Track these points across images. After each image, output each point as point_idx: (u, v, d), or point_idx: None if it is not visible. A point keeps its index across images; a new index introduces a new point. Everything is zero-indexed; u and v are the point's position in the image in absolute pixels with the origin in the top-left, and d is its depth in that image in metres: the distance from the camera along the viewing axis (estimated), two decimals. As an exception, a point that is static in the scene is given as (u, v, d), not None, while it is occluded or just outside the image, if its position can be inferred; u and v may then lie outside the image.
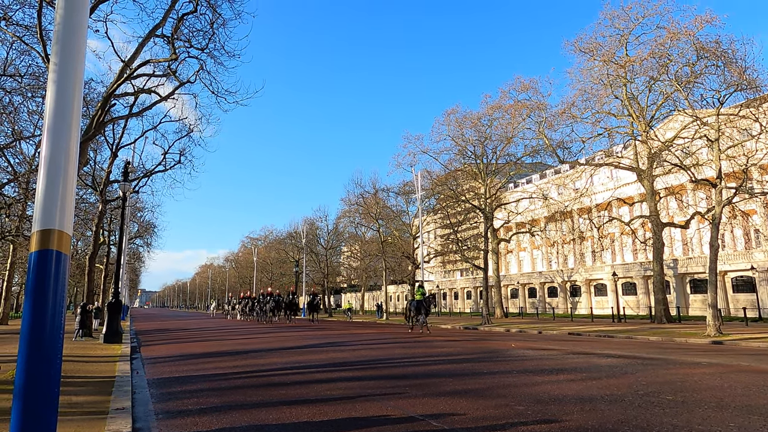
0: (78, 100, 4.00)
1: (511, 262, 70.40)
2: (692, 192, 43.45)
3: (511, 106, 38.72)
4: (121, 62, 14.61)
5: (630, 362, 11.34)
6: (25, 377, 3.44)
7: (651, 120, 31.85)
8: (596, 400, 6.78)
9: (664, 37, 27.21)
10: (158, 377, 9.70)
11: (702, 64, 24.26)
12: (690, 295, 46.03)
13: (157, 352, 15.27)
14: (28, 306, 3.54)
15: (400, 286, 79.96)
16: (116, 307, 18.50)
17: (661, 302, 31.52)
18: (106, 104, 13.66)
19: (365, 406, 6.62)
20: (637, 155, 34.05)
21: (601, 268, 53.25)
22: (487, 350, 14.88)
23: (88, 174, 27.74)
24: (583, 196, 37.18)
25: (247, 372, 10.40)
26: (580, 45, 32.76)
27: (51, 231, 3.64)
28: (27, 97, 19.43)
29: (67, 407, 6.22)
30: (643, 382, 8.33)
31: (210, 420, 5.96)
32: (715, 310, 19.97)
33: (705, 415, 5.84)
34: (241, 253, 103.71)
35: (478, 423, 5.63)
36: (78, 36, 4.04)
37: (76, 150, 3.95)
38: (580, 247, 55.87)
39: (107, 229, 38.82)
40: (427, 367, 11.23)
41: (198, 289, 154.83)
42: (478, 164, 44.96)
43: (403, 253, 55.06)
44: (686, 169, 23.85)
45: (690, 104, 23.32)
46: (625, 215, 46.46)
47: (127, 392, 7.58)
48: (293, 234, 75.37)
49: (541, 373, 9.75)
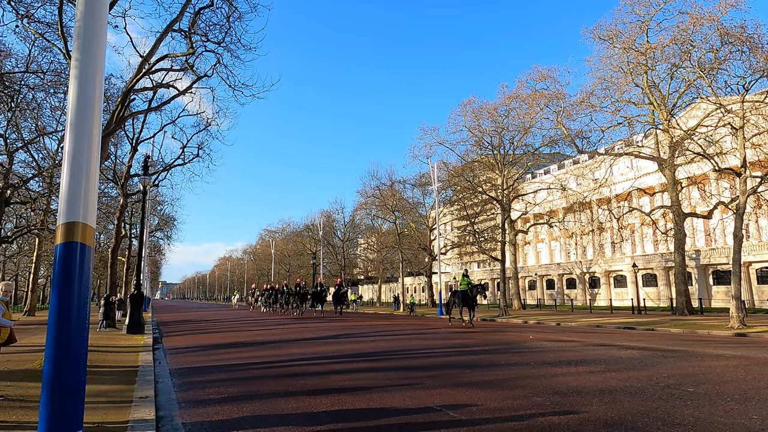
0: (99, 94, 4.07)
1: (528, 253, 69.84)
2: (715, 181, 42.48)
3: (528, 96, 38.20)
4: (140, 57, 14.78)
5: (651, 354, 11.20)
6: (53, 366, 3.54)
7: (673, 108, 31.13)
8: (616, 392, 6.72)
9: (686, 23, 26.50)
10: (180, 367, 9.89)
11: (726, 50, 23.62)
12: (713, 287, 45.14)
13: (178, 343, 15.56)
14: (55, 297, 3.64)
15: (417, 278, 79.95)
16: (138, 298, 18.89)
17: (682, 294, 30.98)
18: (125, 99, 13.84)
19: (383, 397, 6.66)
20: (659, 144, 33.34)
21: (621, 260, 52.50)
22: (505, 342, 14.83)
23: (110, 168, 28.25)
24: (602, 186, 36.57)
25: (266, 362, 10.54)
26: (599, 32, 32.10)
27: (75, 224, 3.72)
28: (49, 94, 19.82)
29: (92, 395, 6.39)
30: (664, 374, 8.22)
31: (230, 409, 6.07)
32: (739, 301, 19.58)
33: (728, 408, 5.75)
34: (259, 245, 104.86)
35: (495, 414, 5.63)
36: (98, 31, 4.10)
37: (98, 144, 4.02)
38: (600, 238, 55.13)
39: (128, 222, 39.54)
40: (445, 358, 11.24)
41: (217, 281, 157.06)
42: (495, 155, 44.55)
43: (420, 244, 55.02)
44: (709, 158, 23.31)
45: (713, 91, 22.75)
46: (645, 206, 45.67)
47: (150, 381, 7.74)
48: (310, 226, 75.88)
49: (559, 364, 9.69)
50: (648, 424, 5.09)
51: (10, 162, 23.00)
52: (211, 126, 25.10)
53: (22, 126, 22.81)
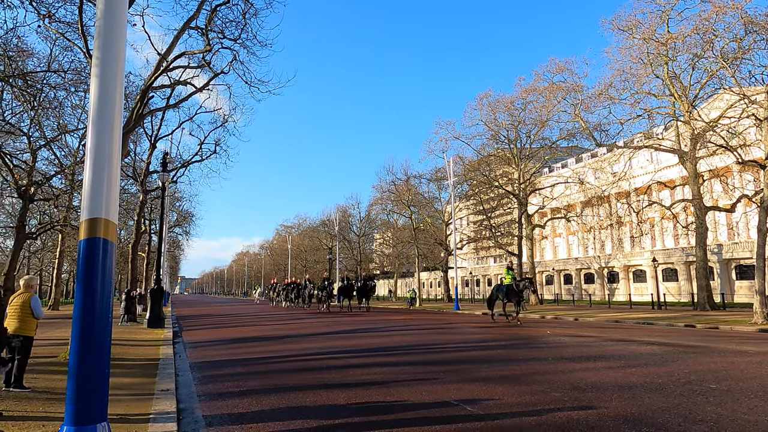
0: (120, 92, 4.13)
1: (546, 248, 69.20)
2: (738, 174, 41.49)
3: (545, 89, 37.71)
4: (158, 55, 14.96)
5: (671, 350, 11.03)
6: (78, 359, 3.63)
7: (694, 99, 30.44)
8: (636, 388, 6.64)
9: (709, 12, 25.82)
10: (199, 361, 10.04)
11: (750, 39, 23.01)
12: (735, 282, 44.22)
13: (197, 337, 15.79)
14: (80, 291, 3.72)
15: (433, 272, 79.81)
16: (158, 293, 19.22)
17: (704, 289, 30.41)
18: (144, 96, 14.03)
19: (400, 391, 6.68)
20: (679, 137, 32.66)
21: (641, 254, 51.72)
22: (522, 337, 14.75)
23: (129, 165, 28.67)
24: (621, 179, 35.96)
25: (284, 356, 10.65)
26: (618, 23, 31.48)
27: (98, 220, 3.80)
28: (70, 92, 20.15)
29: (115, 388, 6.52)
30: (686, 371, 8.10)
31: (250, 402, 6.15)
32: (763, 296, 19.16)
33: (751, 405, 5.64)
34: (276, 241, 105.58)
35: (513, 409, 5.61)
36: (118, 30, 4.16)
37: (119, 141, 4.08)
38: (618, 233, 54.30)
39: (148, 218, 40.14)
40: (462, 353, 11.23)
41: (235, 276, 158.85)
42: (512, 149, 44.14)
43: (436, 239, 54.89)
44: (732, 150, 22.81)
45: (737, 82, 22.21)
46: (665, 199, 44.83)
47: (171, 375, 7.88)
48: (326, 222, 76.16)
49: (577, 360, 9.60)
50: (669, 420, 5.02)
51: (33, 160, 23.48)
52: (227, 122, 25.31)
53: (45, 124, 23.25)
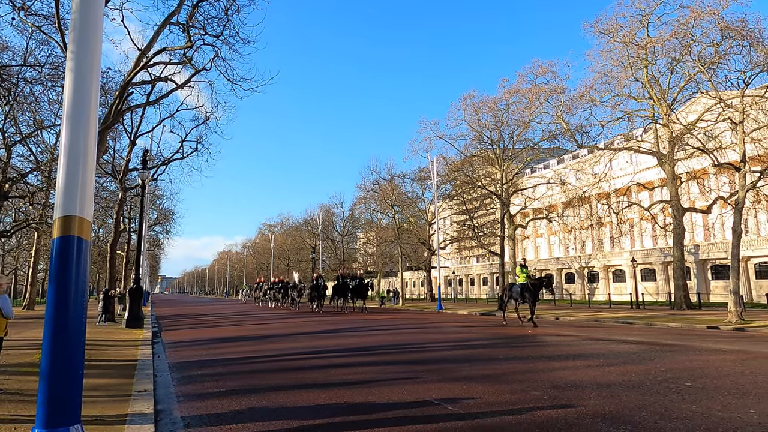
0: (95, 88, 4.05)
1: (527, 248, 69.93)
2: (715, 176, 42.43)
3: (528, 90, 38.05)
4: (138, 50, 14.73)
5: (649, 348, 11.23)
6: (51, 361, 3.54)
7: (672, 103, 31.03)
8: (614, 386, 6.74)
9: (687, 17, 26.37)
10: (179, 361, 9.90)
11: (727, 44, 23.55)
12: (711, 282, 45.24)
13: (178, 337, 15.58)
14: (52, 290, 3.63)
15: (416, 272, 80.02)
16: (137, 292, 18.91)
17: (681, 288, 31.03)
18: (123, 92, 13.80)
19: (381, 391, 6.67)
20: (658, 139, 33.27)
21: (620, 254, 52.58)
22: (504, 336, 14.86)
23: (108, 162, 28.18)
24: (601, 181, 36.52)
25: (266, 356, 10.56)
26: (599, 26, 31.95)
27: (72, 218, 3.71)
28: (47, 87, 19.74)
29: (91, 389, 6.40)
30: (662, 369, 8.24)
31: (229, 402, 6.08)
32: (737, 296, 19.62)
33: (725, 402, 5.76)
34: (258, 240, 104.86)
35: (493, 408, 5.64)
36: (94, 24, 4.06)
37: (95, 138, 4.00)
38: (599, 233, 55.18)
39: (127, 216, 39.53)
40: (443, 352, 11.27)
41: (217, 276, 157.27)
42: (495, 149, 44.47)
43: (419, 239, 55.04)
44: (709, 153, 23.29)
45: (714, 86, 22.69)
46: (644, 200, 45.65)
47: (149, 375, 7.76)
48: (309, 221, 75.83)
49: (557, 358, 9.71)
50: (646, 418, 5.10)
51: (8, 156, 22.94)
52: (209, 120, 25.16)
53: (20, 120, 22.74)
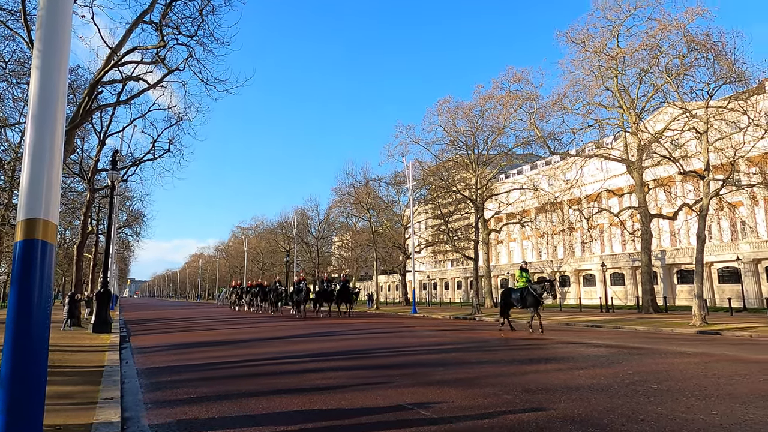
0: (63, 86, 3.94)
1: (501, 252, 70.82)
2: (681, 184, 43.84)
3: (503, 97, 38.64)
4: (108, 49, 14.39)
5: (617, 352, 11.49)
6: (11, 367, 3.41)
7: (641, 112, 31.97)
8: (583, 389, 6.87)
9: (655, 29, 27.25)
10: (148, 367, 9.67)
11: (692, 57, 24.36)
12: (677, 286, 46.63)
13: (147, 342, 15.21)
14: (14, 296, 3.51)
15: (391, 276, 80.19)
16: (105, 296, 18.39)
17: (648, 292, 31.89)
18: (93, 91, 13.47)
19: (355, 396, 6.65)
20: (627, 147, 34.21)
21: (590, 259, 53.74)
22: (477, 340, 15.00)
23: (76, 162, 27.41)
24: (573, 187, 37.30)
25: (238, 362, 10.40)
26: (572, 36, 32.72)
27: (36, 220, 3.59)
28: (12, 84, 19.08)
29: (55, 397, 6.19)
30: (629, 371, 8.45)
31: (199, 409, 5.97)
32: (701, 300, 20.24)
33: (689, 404, 5.94)
34: (232, 242, 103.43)
35: (465, 412, 5.68)
36: (62, 21, 3.96)
37: (62, 138, 3.88)
38: (570, 238, 56.28)
39: (96, 218, 38.46)
40: (417, 356, 11.30)
41: (188, 279, 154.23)
42: (470, 155, 44.96)
43: (394, 243, 55.19)
44: (675, 161, 24.05)
45: (680, 96, 23.45)
46: (614, 206, 46.82)
47: (116, 382, 7.55)
48: (284, 224, 75.20)
49: (529, 362, 9.85)
50: (613, 420, 5.22)
51: (-31, 154, 22.09)
52: (182, 121, 24.67)
53: (-17, 117, 21.91)
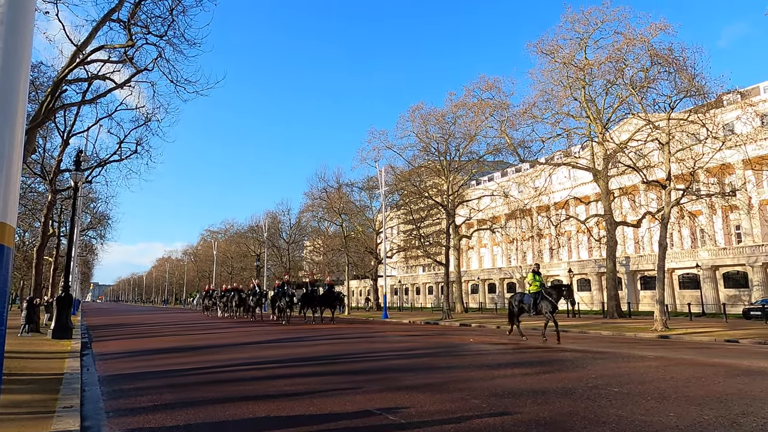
0: (24, 83, 3.81)
1: (472, 258, 71.60)
2: (644, 192, 45.27)
3: (474, 105, 39.20)
4: (74, 46, 13.99)
5: (582, 356, 11.76)
6: (-37, 375, 3.27)
7: (607, 122, 32.96)
8: (549, 393, 7.01)
9: (621, 43, 28.17)
10: (110, 374, 9.40)
11: (655, 70, 25.27)
12: (640, 291, 48.04)
13: (109, 348, 14.78)
14: (-33, 301, 3.37)
15: (363, 281, 79.98)
16: (66, 301, 17.77)
17: (613, 298, 32.75)
18: (56, 90, 13.07)
19: (323, 401, 6.62)
20: (594, 156, 35.15)
21: (558, 265, 54.85)
22: (447, 345, 15.11)
23: (37, 162, 26.47)
24: (542, 194, 38.07)
25: (205, 368, 10.21)
26: (542, 47, 33.53)
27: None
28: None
29: (10, 406, 5.95)
30: (593, 375, 8.66)
31: (163, 417, 5.83)
32: (663, 305, 20.91)
33: (648, 406, 6.13)
34: (200, 246, 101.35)
35: (433, 416, 5.72)
36: (24, 16, 3.85)
37: (22, 136, 3.76)
38: (539, 244, 57.31)
39: (57, 220, 37.16)
40: (386, 361, 11.32)
41: (155, 283, 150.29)
42: (442, 161, 45.36)
43: (366, 248, 55.14)
44: (639, 171, 24.82)
45: (643, 108, 24.25)
46: (581, 214, 48.00)
47: (76, 390, 7.32)
48: (255, 228, 74.23)
49: (497, 367, 9.99)
50: (576, 423, 5.34)
51: None
52: (150, 121, 24.14)
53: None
